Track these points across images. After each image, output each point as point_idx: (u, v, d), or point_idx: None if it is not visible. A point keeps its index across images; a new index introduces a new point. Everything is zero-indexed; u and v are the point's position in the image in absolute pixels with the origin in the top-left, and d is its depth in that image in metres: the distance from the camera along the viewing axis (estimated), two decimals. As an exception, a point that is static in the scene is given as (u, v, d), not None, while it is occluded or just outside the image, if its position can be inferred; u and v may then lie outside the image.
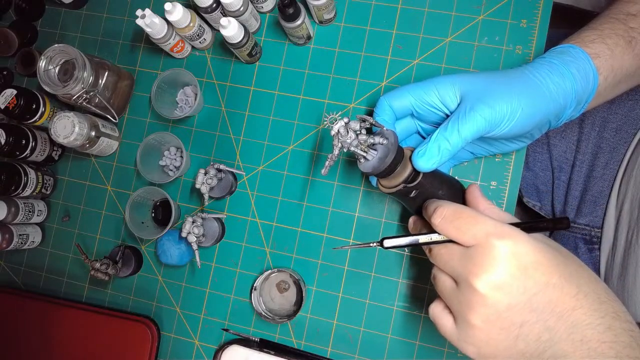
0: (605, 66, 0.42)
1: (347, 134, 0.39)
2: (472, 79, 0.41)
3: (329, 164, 0.40)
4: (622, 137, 0.60)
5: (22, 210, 0.61)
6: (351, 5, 0.60)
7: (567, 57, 0.42)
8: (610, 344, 0.32)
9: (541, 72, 0.41)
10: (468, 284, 0.34)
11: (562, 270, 0.33)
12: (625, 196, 0.57)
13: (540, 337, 0.33)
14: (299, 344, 0.57)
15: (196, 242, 0.54)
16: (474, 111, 0.38)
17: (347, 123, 0.39)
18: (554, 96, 0.40)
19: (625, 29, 0.43)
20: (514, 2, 0.56)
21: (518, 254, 0.33)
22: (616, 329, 0.32)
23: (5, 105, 0.58)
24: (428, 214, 0.39)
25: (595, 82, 0.42)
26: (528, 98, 0.39)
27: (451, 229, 0.36)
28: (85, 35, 0.67)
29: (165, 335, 0.60)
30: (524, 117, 0.39)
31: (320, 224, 0.58)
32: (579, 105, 0.43)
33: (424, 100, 0.43)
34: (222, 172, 0.58)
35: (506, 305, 0.33)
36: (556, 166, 0.65)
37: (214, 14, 0.57)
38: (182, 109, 0.63)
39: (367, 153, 0.40)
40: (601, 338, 0.32)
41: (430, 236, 0.38)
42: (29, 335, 0.62)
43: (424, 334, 0.55)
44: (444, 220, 0.36)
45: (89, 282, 0.63)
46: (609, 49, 0.42)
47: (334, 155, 0.40)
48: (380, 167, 0.39)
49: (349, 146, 0.39)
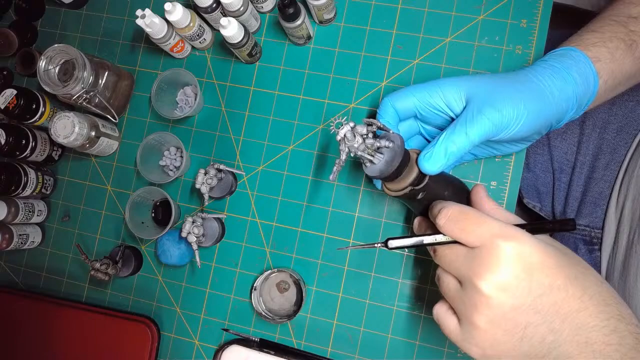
0: (606, 70, 0.42)
1: (354, 139, 0.38)
2: (477, 82, 0.41)
3: (336, 170, 0.40)
4: (623, 138, 0.60)
5: (22, 210, 0.61)
6: (351, 5, 0.60)
7: (569, 60, 0.42)
8: (616, 347, 0.32)
9: (545, 77, 0.41)
10: (473, 285, 0.34)
11: (567, 272, 0.33)
12: (627, 197, 0.57)
13: (545, 338, 0.33)
14: (299, 344, 0.57)
15: (196, 242, 0.54)
16: (482, 114, 0.38)
17: (354, 127, 0.38)
18: (557, 100, 0.40)
19: (626, 32, 0.43)
20: (514, 2, 0.56)
21: (523, 255, 0.33)
22: (621, 331, 0.32)
23: (5, 105, 0.58)
24: (433, 214, 0.38)
25: (595, 86, 0.42)
26: (533, 102, 0.39)
27: (456, 230, 0.36)
28: (85, 35, 0.67)
29: (165, 335, 0.60)
30: (529, 121, 0.39)
31: (321, 224, 0.58)
32: (580, 108, 0.43)
33: (429, 103, 0.42)
34: (222, 172, 0.58)
35: (510, 307, 0.33)
36: (557, 167, 0.65)
37: (214, 14, 0.57)
38: (182, 109, 0.63)
39: (373, 157, 0.40)
40: (606, 340, 0.32)
41: (434, 237, 0.38)
42: (29, 335, 0.62)
43: (424, 334, 0.55)
44: (449, 221, 0.36)
45: (89, 282, 0.63)
46: (610, 52, 0.42)
47: (342, 160, 0.39)
48: (387, 170, 0.39)
49: (356, 151, 0.39)
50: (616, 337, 0.32)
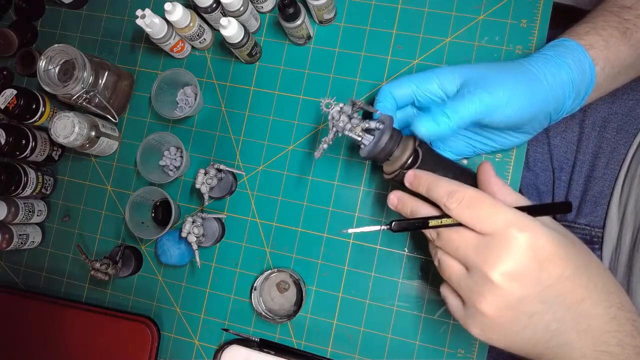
0: (601, 56, 0.43)
1: (339, 118, 0.40)
2: (471, 67, 0.43)
3: (322, 147, 0.41)
4: (623, 137, 0.60)
5: (22, 210, 0.61)
6: (351, 5, 0.60)
7: (562, 48, 0.43)
8: (614, 333, 0.33)
9: (538, 63, 0.41)
10: (482, 273, 0.34)
11: (575, 262, 0.33)
12: (629, 196, 0.57)
13: (549, 327, 0.34)
14: (299, 344, 0.57)
15: (196, 242, 0.54)
16: (472, 94, 0.39)
17: (342, 108, 0.41)
18: (551, 85, 0.41)
19: (619, 20, 0.44)
20: (514, 2, 0.56)
21: (536, 246, 0.33)
22: (620, 319, 0.33)
23: (5, 105, 0.58)
24: (437, 195, 0.37)
25: (592, 73, 0.42)
26: (525, 85, 0.40)
27: (468, 216, 0.35)
28: (85, 35, 0.67)
29: (165, 335, 0.60)
30: (520, 103, 0.40)
31: (320, 224, 0.58)
32: (579, 97, 0.43)
33: (425, 88, 0.44)
34: (222, 172, 0.58)
35: (519, 297, 0.33)
36: (557, 166, 0.65)
37: (214, 14, 0.57)
38: (182, 109, 0.63)
39: (363, 138, 0.41)
40: (605, 328, 0.33)
41: (441, 219, 0.37)
42: (29, 335, 0.62)
43: (424, 334, 0.55)
44: (461, 205, 0.35)
45: (89, 282, 0.63)
46: (603, 40, 0.43)
47: (329, 138, 0.41)
48: (375, 150, 0.40)
49: (343, 130, 0.41)
50: (615, 324, 0.33)
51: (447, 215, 0.36)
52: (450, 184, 0.37)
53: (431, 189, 0.38)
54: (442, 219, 0.37)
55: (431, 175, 0.38)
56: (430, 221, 0.37)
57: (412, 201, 0.40)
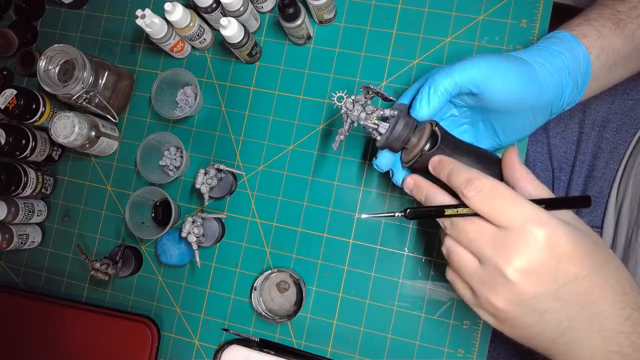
0: (595, 45, 0.43)
1: (353, 108, 0.40)
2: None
3: (339, 139, 0.40)
4: (623, 137, 0.60)
5: (22, 210, 0.61)
6: (351, 5, 0.60)
7: (554, 39, 0.43)
8: (627, 334, 0.32)
9: (532, 53, 0.42)
10: (496, 267, 0.33)
11: (593, 261, 0.33)
12: (625, 195, 0.57)
13: (560, 324, 0.33)
14: (299, 344, 0.57)
15: (196, 242, 0.54)
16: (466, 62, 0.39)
17: (355, 97, 0.40)
18: (548, 71, 0.41)
19: (612, 12, 0.44)
20: (514, 2, 0.56)
21: (555, 243, 0.32)
22: (634, 320, 0.33)
23: (5, 105, 0.58)
24: (457, 182, 0.36)
25: (587, 61, 0.42)
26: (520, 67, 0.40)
27: (486, 206, 0.34)
28: (85, 35, 0.67)
29: (165, 335, 0.60)
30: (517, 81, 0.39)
31: (321, 224, 0.58)
32: (577, 86, 0.43)
33: None
34: (222, 172, 0.58)
35: (532, 293, 0.33)
36: (556, 166, 0.65)
37: (214, 14, 0.57)
38: (182, 109, 0.63)
39: (379, 126, 0.40)
40: (618, 328, 0.32)
41: (457, 209, 0.35)
42: (29, 335, 0.62)
43: (424, 334, 0.55)
44: (479, 195, 0.34)
45: (89, 282, 0.63)
46: (596, 30, 0.43)
47: (345, 129, 0.40)
48: (392, 137, 0.39)
49: (358, 119, 0.40)
50: (629, 325, 0.32)
51: (463, 205, 0.35)
52: (470, 172, 0.36)
53: (452, 175, 0.37)
54: (458, 209, 0.35)
55: (455, 162, 0.38)
56: (447, 210, 0.36)
57: (428, 187, 0.39)
